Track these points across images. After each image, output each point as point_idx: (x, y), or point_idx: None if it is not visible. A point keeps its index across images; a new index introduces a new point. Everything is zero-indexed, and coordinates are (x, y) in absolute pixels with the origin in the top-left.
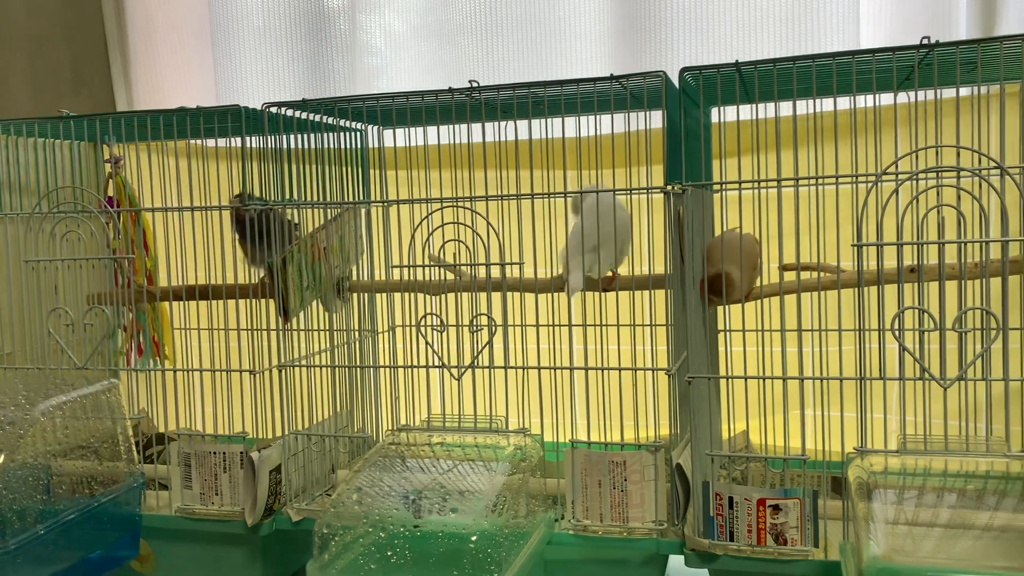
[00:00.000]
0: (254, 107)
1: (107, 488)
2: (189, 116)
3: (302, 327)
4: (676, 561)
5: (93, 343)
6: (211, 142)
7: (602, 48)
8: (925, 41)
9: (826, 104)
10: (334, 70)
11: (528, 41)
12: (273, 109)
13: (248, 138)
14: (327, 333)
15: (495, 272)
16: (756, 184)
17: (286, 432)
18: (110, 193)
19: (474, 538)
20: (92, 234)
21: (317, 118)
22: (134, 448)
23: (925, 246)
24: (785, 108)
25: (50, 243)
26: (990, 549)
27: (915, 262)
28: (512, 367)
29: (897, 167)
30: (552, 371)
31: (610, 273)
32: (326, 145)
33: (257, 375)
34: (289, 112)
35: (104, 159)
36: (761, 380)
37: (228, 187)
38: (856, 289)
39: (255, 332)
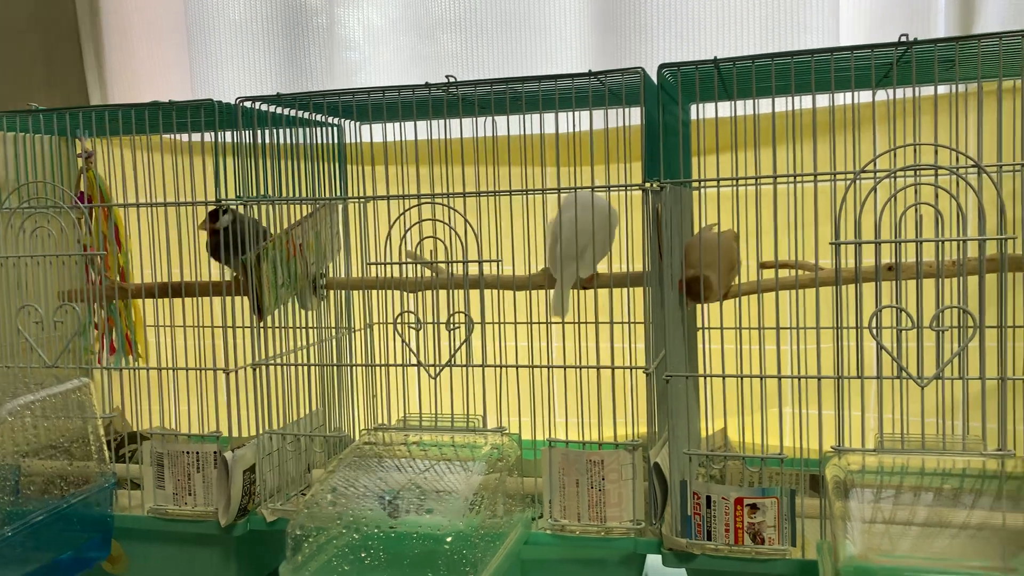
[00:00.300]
0: (228, 102)
1: (78, 488)
2: (161, 110)
3: (278, 324)
4: (654, 560)
5: (64, 341)
6: (186, 137)
7: (582, 45)
8: (904, 39)
9: (805, 101)
10: (312, 65)
11: (509, 37)
12: (247, 103)
13: (223, 133)
14: (303, 331)
15: (473, 269)
16: (735, 181)
17: (261, 431)
18: (82, 188)
19: (449, 539)
20: (62, 230)
21: (294, 114)
22: (105, 448)
23: (903, 244)
24: (764, 105)
25: (19, 239)
26: (967, 548)
27: (893, 260)
28: (489, 365)
29: (876, 165)
30: (530, 369)
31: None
32: (303, 141)
33: (231, 373)
34: (264, 107)
35: (76, 154)
36: (739, 379)
37: (203, 183)
38: (834, 287)
39: (229, 330)
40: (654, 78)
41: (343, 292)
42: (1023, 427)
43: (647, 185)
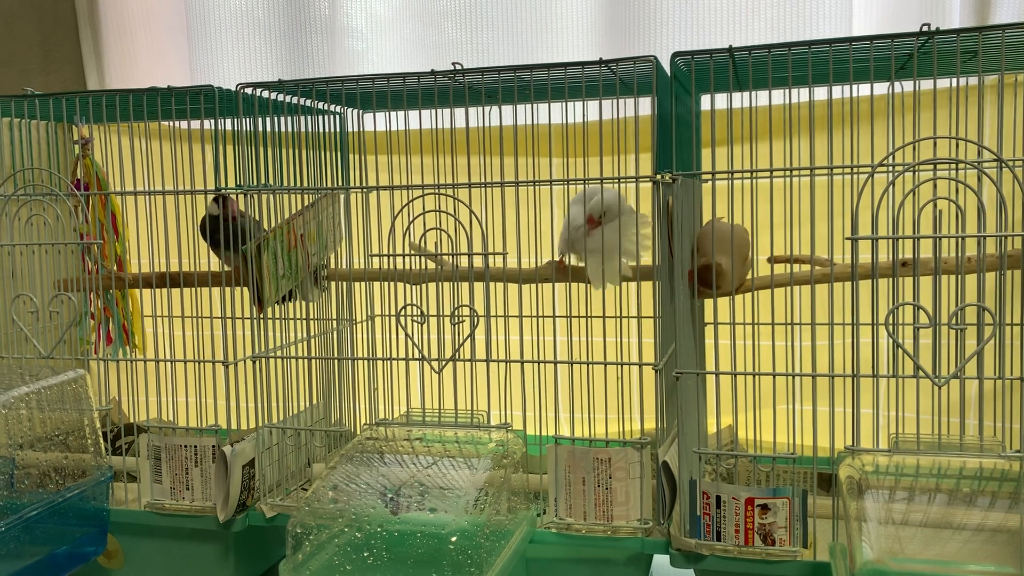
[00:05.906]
0: (228, 88)
1: (74, 482)
2: (160, 96)
3: (279, 316)
4: (661, 561)
5: (60, 331)
6: (186, 124)
7: (591, 34)
8: (925, 28)
9: (820, 93)
10: (314, 55)
11: (516, 26)
12: (248, 90)
13: (223, 121)
14: (304, 323)
15: (478, 262)
16: (751, 174)
17: (260, 425)
18: (79, 176)
19: (454, 538)
20: (58, 218)
21: (295, 101)
22: (101, 440)
23: (919, 240)
24: (778, 96)
25: (14, 226)
26: (985, 552)
27: (909, 256)
28: (494, 360)
29: (892, 159)
30: (536, 364)
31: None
32: (304, 129)
33: (231, 366)
34: (264, 94)
35: (73, 140)
36: (750, 375)
37: (203, 171)
38: (848, 283)
39: (229, 321)
40: (666, 67)
41: (345, 284)
42: None
43: (658, 177)
